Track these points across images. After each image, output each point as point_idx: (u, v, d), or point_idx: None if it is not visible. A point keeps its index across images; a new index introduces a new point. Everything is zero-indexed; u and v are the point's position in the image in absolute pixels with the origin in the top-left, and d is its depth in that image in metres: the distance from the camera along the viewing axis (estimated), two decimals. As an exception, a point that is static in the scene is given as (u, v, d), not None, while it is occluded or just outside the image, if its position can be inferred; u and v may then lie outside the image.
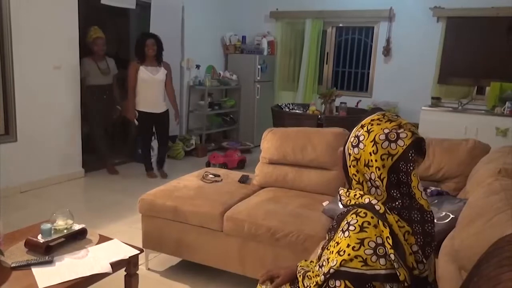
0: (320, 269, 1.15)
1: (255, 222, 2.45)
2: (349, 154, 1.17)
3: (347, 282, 1.04)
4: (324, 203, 2.63)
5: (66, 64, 4.53)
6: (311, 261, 1.51)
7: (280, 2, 6.77)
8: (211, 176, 3.13)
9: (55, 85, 4.45)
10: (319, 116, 4.96)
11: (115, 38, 6.04)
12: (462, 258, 1.45)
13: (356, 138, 1.15)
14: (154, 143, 5.24)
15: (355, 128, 1.20)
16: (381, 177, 1.10)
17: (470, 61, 5.66)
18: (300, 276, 1.37)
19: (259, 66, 6.64)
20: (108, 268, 1.85)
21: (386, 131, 1.11)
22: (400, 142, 1.09)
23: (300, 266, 1.45)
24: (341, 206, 1.26)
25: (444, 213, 2.00)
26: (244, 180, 3.12)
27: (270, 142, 3.06)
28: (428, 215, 1.12)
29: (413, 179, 1.10)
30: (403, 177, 1.11)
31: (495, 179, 1.80)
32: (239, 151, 5.80)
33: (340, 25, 6.69)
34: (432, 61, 5.89)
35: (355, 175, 1.17)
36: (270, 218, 2.45)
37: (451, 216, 1.95)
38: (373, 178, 1.12)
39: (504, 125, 5.04)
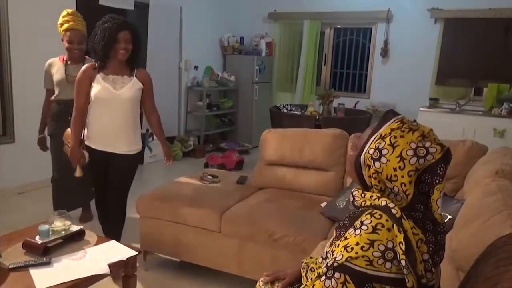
0: (323, 261, 1.15)
1: (253, 223, 2.45)
2: (368, 166, 1.12)
3: (347, 276, 1.03)
4: (322, 204, 2.63)
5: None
6: (316, 258, 1.51)
7: (278, 3, 6.78)
8: (209, 177, 3.13)
9: (53, 86, 4.43)
10: (317, 117, 4.97)
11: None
12: (460, 258, 1.45)
13: (378, 151, 1.09)
14: (153, 144, 5.16)
15: (373, 138, 1.13)
16: (407, 192, 1.07)
17: (468, 62, 5.68)
18: (303, 270, 1.37)
19: (257, 67, 6.64)
20: (106, 269, 1.85)
21: (413, 145, 1.06)
22: (429, 157, 1.05)
23: (305, 262, 1.45)
24: (351, 207, 1.24)
25: (442, 214, 2.01)
26: (242, 181, 3.12)
27: (268, 143, 3.07)
28: (441, 227, 1.11)
29: (435, 193, 1.07)
30: (424, 187, 1.09)
31: (492, 179, 1.81)
32: (237, 152, 5.81)
33: (338, 26, 6.70)
34: (430, 62, 5.90)
35: (377, 185, 1.13)
36: (268, 219, 2.45)
37: (449, 217, 1.95)
38: (395, 191, 1.09)
39: (502, 126, 5.06)
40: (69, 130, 2.71)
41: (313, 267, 1.30)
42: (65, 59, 3.24)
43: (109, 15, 2.57)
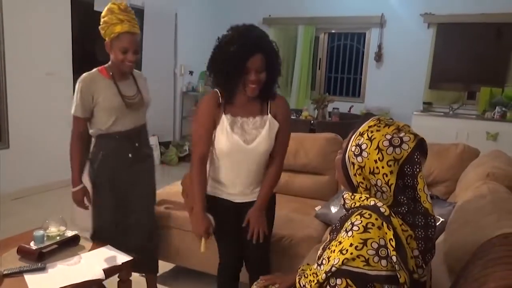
0: (319, 267, 1.17)
1: (248, 227, 2.45)
2: (352, 163, 1.17)
3: (348, 280, 1.05)
4: (317, 208, 2.65)
5: (59, 71, 4.53)
6: (306, 273, 1.52)
7: (273, 8, 6.82)
8: (204, 181, 3.11)
9: (48, 91, 4.44)
10: (312, 121, 5.00)
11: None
12: (451, 260, 1.47)
13: (358, 147, 1.15)
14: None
15: (353, 137, 1.19)
16: (389, 183, 1.12)
17: (461, 67, 5.74)
18: (298, 277, 1.38)
19: (252, 72, 6.64)
20: (101, 275, 1.85)
21: (388, 136, 1.12)
22: (404, 146, 1.11)
23: (302, 269, 1.46)
24: (343, 211, 1.27)
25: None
26: (237, 185, 3.11)
27: (263, 147, 3.07)
28: (432, 220, 1.14)
29: (420, 181, 1.12)
30: (409, 181, 1.13)
31: (483, 182, 1.83)
32: (233, 156, 5.80)
33: (333, 31, 6.75)
34: (423, 66, 5.95)
35: (362, 183, 1.17)
36: (263, 223, 2.45)
37: (441, 219, 1.97)
38: (379, 184, 1.13)
39: (494, 130, 5.11)
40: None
41: (307, 273, 1.31)
42: (110, 73, 2.19)
43: (235, 29, 1.84)
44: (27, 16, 4.14)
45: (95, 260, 1.97)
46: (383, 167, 1.11)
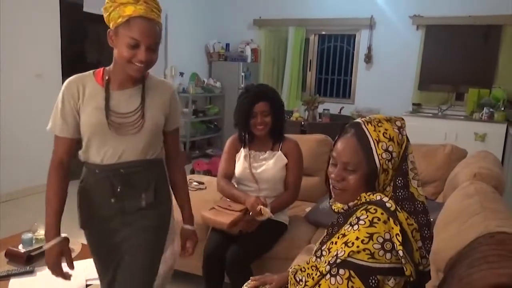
0: (318, 259, 1.18)
1: (239, 229, 2.45)
2: (386, 170, 1.16)
3: (351, 272, 1.07)
4: (307, 209, 2.65)
5: (48, 72, 4.49)
6: (302, 267, 1.52)
7: (263, 10, 6.83)
8: (195, 183, 3.13)
9: (37, 93, 4.40)
10: (302, 122, 5.01)
11: (96, 47, 6.01)
12: (439, 260, 1.48)
13: (388, 153, 1.15)
14: None
15: (373, 146, 1.16)
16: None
17: (449, 68, 5.80)
18: (292, 274, 1.38)
19: (242, 74, 6.67)
20: (82, 285, 1.82)
21: (396, 130, 1.18)
22: (402, 132, 1.19)
23: (294, 268, 1.46)
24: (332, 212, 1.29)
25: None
26: (228, 187, 3.12)
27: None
28: (420, 205, 1.18)
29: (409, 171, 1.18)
30: (405, 167, 1.18)
31: (471, 182, 1.86)
32: (224, 158, 5.80)
33: (323, 33, 6.78)
34: (413, 68, 6.01)
35: (385, 184, 1.19)
36: (254, 224, 2.45)
37: (430, 219, 1.99)
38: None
39: (482, 131, 5.17)
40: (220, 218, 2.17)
41: (304, 268, 1.31)
42: (106, 77, 1.50)
43: (247, 85, 2.45)
44: (15, 17, 4.10)
45: (81, 270, 1.93)
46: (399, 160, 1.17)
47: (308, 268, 1.26)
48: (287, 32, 6.73)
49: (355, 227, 1.11)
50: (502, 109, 5.24)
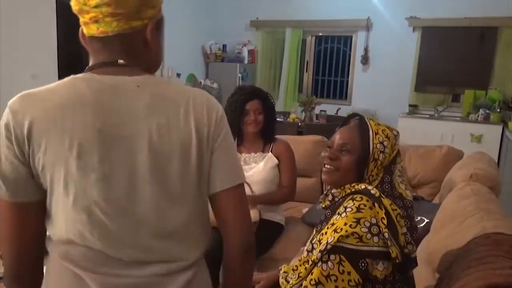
0: (310, 253, 1.21)
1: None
2: (375, 160, 1.25)
3: (342, 256, 1.11)
4: (304, 210, 2.66)
5: (44, 73, 4.47)
6: (295, 265, 1.53)
7: (260, 11, 6.84)
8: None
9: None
10: (299, 123, 5.02)
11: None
12: (435, 260, 1.49)
13: (381, 144, 1.25)
14: None
15: (371, 136, 1.26)
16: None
17: (445, 70, 5.81)
18: (282, 279, 1.38)
19: (240, 75, 6.67)
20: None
21: (395, 132, 1.30)
22: (397, 136, 1.30)
23: (284, 271, 1.46)
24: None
25: (419, 218, 2.05)
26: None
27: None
28: (408, 202, 1.25)
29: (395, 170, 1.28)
30: (393, 167, 1.28)
31: (467, 183, 1.86)
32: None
33: (320, 34, 6.79)
34: (409, 69, 6.02)
35: (372, 176, 1.27)
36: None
37: (426, 220, 2.00)
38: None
39: (478, 132, 5.19)
40: None
41: (296, 266, 1.32)
42: None
43: (238, 87, 2.47)
44: (11, 17, 4.09)
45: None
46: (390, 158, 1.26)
47: (300, 266, 1.26)
48: (284, 33, 6.73)
49: (343, 214, 1.17)
50: (498, 110, 5.26)
